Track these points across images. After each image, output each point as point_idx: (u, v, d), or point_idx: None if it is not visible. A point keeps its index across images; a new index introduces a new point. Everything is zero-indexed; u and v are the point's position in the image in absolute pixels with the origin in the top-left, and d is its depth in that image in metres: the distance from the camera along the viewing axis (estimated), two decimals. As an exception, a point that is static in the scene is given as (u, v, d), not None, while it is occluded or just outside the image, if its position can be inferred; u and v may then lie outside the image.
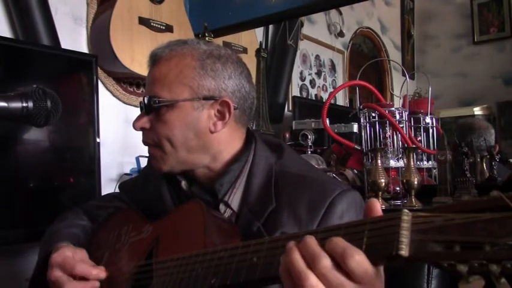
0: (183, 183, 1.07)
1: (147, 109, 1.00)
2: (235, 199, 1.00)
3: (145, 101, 1.00)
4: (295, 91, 3.31)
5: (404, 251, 0.56)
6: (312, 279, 0.61)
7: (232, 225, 0.97)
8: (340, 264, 0.60)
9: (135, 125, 1.03)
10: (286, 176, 1.00)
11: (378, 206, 0.65)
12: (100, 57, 1.98)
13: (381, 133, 1.92)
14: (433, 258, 0.55)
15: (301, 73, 3.44)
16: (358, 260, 0.59)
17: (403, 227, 0.57)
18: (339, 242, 0.61)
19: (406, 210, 0.58)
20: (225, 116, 1.00)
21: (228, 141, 1.03)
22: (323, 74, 3.67)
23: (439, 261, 0.54)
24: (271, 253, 0.71)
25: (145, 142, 1.05)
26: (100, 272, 0.98)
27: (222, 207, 1.01)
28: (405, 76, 2.35)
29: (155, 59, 1.02)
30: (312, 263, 0.62)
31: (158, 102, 0.98)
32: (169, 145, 1.00)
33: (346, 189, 0.97)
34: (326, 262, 0.61)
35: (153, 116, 1.01)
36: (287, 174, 1.00)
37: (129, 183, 1.30)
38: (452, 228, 0.53)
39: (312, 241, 0.63)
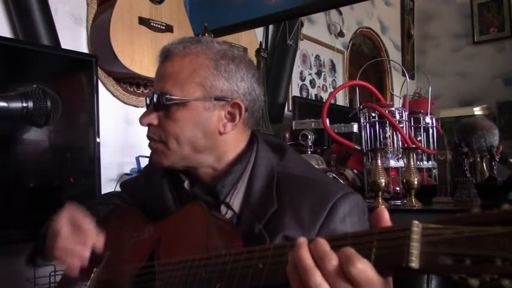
0: (186, 184, 1.06)
1: (156, 105, 0.99)
2: (236, 200, 1.00)
3: (155, 97, 0.98)
4: (295, 91, 3.31)
5: (414, 263, 0.55)
6: (317, 277, 0.61)
7: (233, 226, 0.97)
8: (343, 270, 0.60)
9: (142, 121, 1.01)
10: (288, 178, 0.99)
11: (386, 215, 0.64)
12: (100, 57, 1.98)
13: (380, 133, 1.92)
14: (444, 271, 0.54)
15: (301, 73, 3.44)
16: (361, 269, 0.59)
17: (413, 239, 0.56)
18: (346, 249, 0.61)
19: (416, 222, 0.57)
20: (236, 117, 1.00)
21: (234, 142, 1.03)
22: (323, 74, 3.67)
23: (449, 274, 0.53)
24: (277, 260, 0.70)
25: (150, 138, 1.03)
26: (100, 244, 0.99)
27: (223, 208, 1.00)
28: (405, 76, 2.35)
29: (167, 55, 1.01)
30: (320, 262, 0.62)
31: (169, 100, 0.97)
32: (175, 142, 0.99)
33: (349, 192, 0.96)
34: (334, 263, 0.61)
35: (162, 113, 0.99)
36: (289, 175, 0.99)
37: (130, 183, 1.29)
38: (462, 241, 0.53)
39: (324, 241, 0.64)
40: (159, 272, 0.91)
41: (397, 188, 1.85)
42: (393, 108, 1.93)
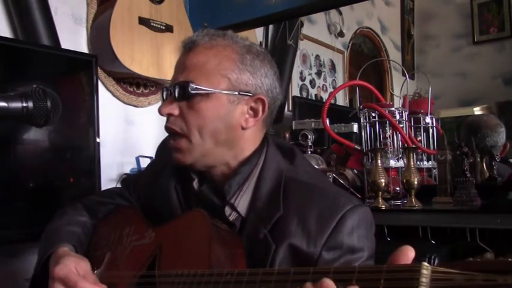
0: (195, 182, 1.05)
1: (178, 95, 0.97)
2: (242, 202, 0.98)
3: (178, 86, 0.97)
4: (295, 91, 3.30)
5: None
6: None
7: (235, 236, 0.96)
8: None
9: (162, 110, 0.99)
10: (295, 184, 0.98)
11: (411, 256, 0.62)
12: (100, 57, 1.98)
13: (380, 133, 1.91)
14: None
15: (301, 73, 3.44)
16: None
17: (422, 283, 0.54)
18: None
19: (425, 264, 0.55)
20: (258, 113, 1.00)
21: (251, 140, 1.02)
22: (323, 74, 3.67)
23: None
24: (280, 286, 0.69)
25: (170, 129, 1.00)
26: None
27: (227, 209, 0.99)
28: (405, 76, 2.35)
29: (192, 46, 1.00)
30: None
31: (195, 89, 0.95)
32: (198, 135, 0.97)
33: (358, 205, 0.95)
34: None
35: (185, 104, 0.97)
36: (297, 181, 0.98)
37: (133, 179, 1.28)
38: None
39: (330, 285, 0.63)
40: (160, 283, 0.90)
41: (397, 188, 1.85)
42: (393, 108, 1.93)
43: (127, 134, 2.29)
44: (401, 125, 1.90)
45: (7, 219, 1.61)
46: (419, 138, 2.02)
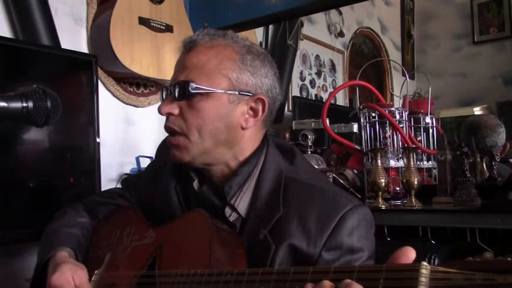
0: (195, 183, 1.05)
1: (179, 94, 0.97)
2: (242, 203, 0.98)
3: (178, 85, 0.97)
4: (295, 91, 3.31)
5: None
6: None
7: (235, 236, 0.96)
8: None
9: (162, 110, 0.99)
10: (295, 184, 0.98)
11: (412, 256, 0.62)
12: (100, 57, 1.98)
13: (380, 133, 1.91)
14: None
15: (301, 73, 3.44)
16: None
17: (421, 282, 0.54)
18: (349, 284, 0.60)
19: (425, 264, 0.55)
20: (258, 113, 0.99)
21: (251, 140, 1.02)
22: (323, 74, 3.67)
23: None
24: (280, 286, 0.69)
25: (169, 128, 1.00)
26: None
27: (228, 210, 0.99)
28: (405, 76, 2.34)
29: (192, 45, 1.00)
30: None
31: (195, 89, 0.95)
32: (197, 134, 0.97)
33: (358, 205, 0.95)
34: None
35: (185, 103, 0.97)
36: (297, 181, 0.98)
37: (133, 179, 1.29)
38: None
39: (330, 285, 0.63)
40: (160, 283, 0.90)
41: (397, 188, 1.85)
42: (393, 108, 1.93)
43: (127, 134, 2.29)
44: (401, 125, 1.90)
45: (7, 219, 1.61)
46: (419, 138, 2.02)
